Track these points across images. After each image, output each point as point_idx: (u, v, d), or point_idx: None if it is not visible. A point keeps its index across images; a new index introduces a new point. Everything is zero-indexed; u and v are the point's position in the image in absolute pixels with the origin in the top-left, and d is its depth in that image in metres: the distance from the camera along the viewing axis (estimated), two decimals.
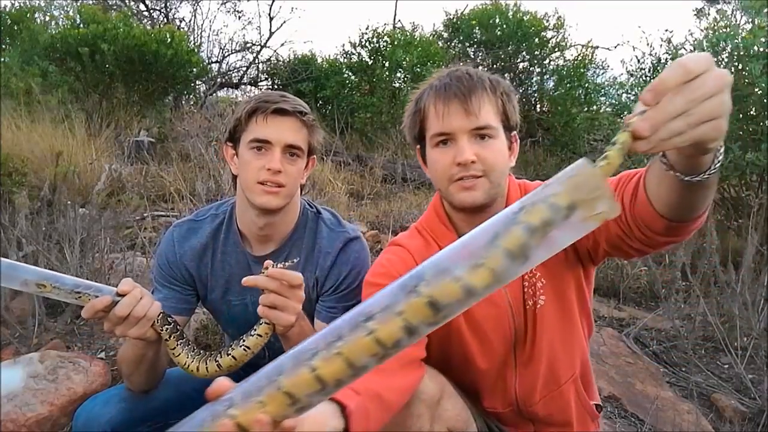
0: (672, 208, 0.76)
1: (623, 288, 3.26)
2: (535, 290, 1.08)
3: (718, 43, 3.91)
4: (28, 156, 4.15)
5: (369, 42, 7.74)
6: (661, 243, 0.85)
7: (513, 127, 1.09)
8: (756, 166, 3.44)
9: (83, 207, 3.29)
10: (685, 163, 0.65)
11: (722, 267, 2.66)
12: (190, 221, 1.33)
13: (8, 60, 7.24)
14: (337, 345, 0.46)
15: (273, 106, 1.15)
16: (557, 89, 7.85)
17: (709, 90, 0.52)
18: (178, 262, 1.27)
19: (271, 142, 1.15)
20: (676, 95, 0.52)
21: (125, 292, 0.96)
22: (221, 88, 8.72)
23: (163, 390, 1.24)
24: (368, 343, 0.46)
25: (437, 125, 1.05)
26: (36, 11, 8.64)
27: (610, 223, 0.87)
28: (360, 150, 6.64)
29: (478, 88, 1.03)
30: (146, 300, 0.98)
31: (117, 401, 1.17)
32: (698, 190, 0.69)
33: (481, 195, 1.03)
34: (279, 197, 1.17)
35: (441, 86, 1.05)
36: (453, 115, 1.02)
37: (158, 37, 6.34)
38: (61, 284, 0.91)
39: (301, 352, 0.48)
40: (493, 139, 1.04)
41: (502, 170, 1.05)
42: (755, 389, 2.16)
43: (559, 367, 1.12)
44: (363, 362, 0.46)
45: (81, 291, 0.93)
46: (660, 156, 0.68)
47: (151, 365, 1.14)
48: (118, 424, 1.14)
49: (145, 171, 4.65)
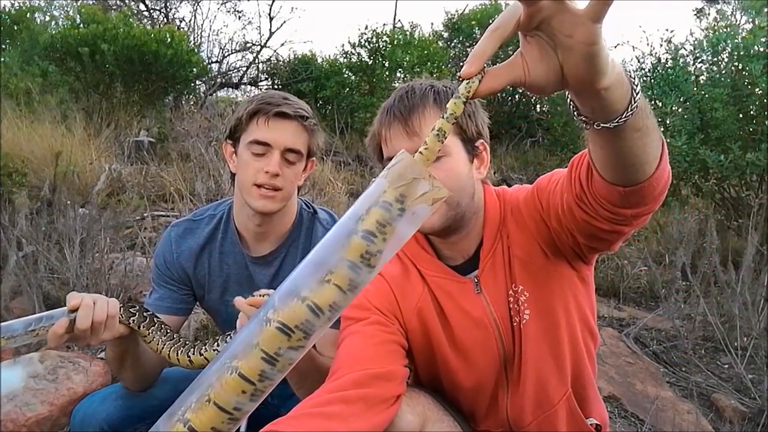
0: (615, 169, 0.71)
1: (623, 288, 3.26)
2: (519, 305, 1.01)
3: (718, 43, 3.91)
4: (28, 156, 4.15)
5: (369, 42, 7.73)
6: (629, 216, 0.78)
7: (473, 137, 1.00)
8: (756, 166, 3.44)
9: (83, 207, 3.29)
10: (593, 108, 0.60)
11: (722, 267, 2.66)
12: (187, 221, 1.32)
13: (8, 60, 7.24)
14: (206, 392, 0.45)
15: (275, 109, 1.15)
16: None
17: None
18: (175, 262, 1.27)
19: (270, 145, 1.15)
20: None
21: (76, 306, 0.95)
22: (221, 88, 8.72)
23: (160, 388, 1.24)
24: (234, 381, 0.44)
25: (386, 151, 1.00)
26: (36, 11, 8.65)
27: (574, 210, 0.83)
28: (360, 150, 6.63)
29: (418, 106, 0.96)
30: (100, 303, 0.97)
31: (114, 399, 1.17)
32: (628, 138, 0.64)
33: (438, 219, 0.96)
34: (275, 201, 1.17)
35: (385, 108, 1.00)
36: (395, 138, 0.97)
37: (158, 37, 6.34)
38: (13, 332, 0.89)
39: (173, 407, 0.47)
40: (445, 157, 0.95)
41: (461, 189, 0.97)
42: (755, 389, 2.16)
43: (549, 384, 1.05)
44: (234, 403, 0.45)
45: (34, 327, 0.91)
46: (574, 113, 0.63)
47: (135, 360, 1.14)
48: (115, 422, 1.14)
49: (145, 171, 4.65)
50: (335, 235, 0.46)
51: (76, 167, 4.05)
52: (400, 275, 1.06)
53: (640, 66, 4.50)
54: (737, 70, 3.77)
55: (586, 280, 1.08)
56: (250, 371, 0.44)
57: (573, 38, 0.51)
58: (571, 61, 0.53)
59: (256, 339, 0.45)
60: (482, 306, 1.02)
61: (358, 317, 0.98)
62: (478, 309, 1.01)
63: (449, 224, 0.98)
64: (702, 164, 3.69)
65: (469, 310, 1.01)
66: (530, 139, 7.25)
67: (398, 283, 1.04)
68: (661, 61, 4.31)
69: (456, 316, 1.02)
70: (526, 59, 0.54)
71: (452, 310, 1.02)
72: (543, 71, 0.54)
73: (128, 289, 2.55)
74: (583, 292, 1.07)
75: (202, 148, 4.43)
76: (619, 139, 0.64)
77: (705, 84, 3.98)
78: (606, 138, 0.64)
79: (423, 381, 1.10)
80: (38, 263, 2.55)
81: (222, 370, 0.45)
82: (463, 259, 1.04)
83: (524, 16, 0.50)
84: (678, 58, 4.23)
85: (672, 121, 4.01)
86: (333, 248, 0.45)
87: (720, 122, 3.66)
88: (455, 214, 0.98)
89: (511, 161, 6.18)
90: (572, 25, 0.50)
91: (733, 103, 3.67)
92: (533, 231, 0.99)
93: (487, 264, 1.02)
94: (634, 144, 0.65)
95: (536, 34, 0.53)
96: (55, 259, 2.58)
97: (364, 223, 0.45)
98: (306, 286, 0.45)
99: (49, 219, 2.95)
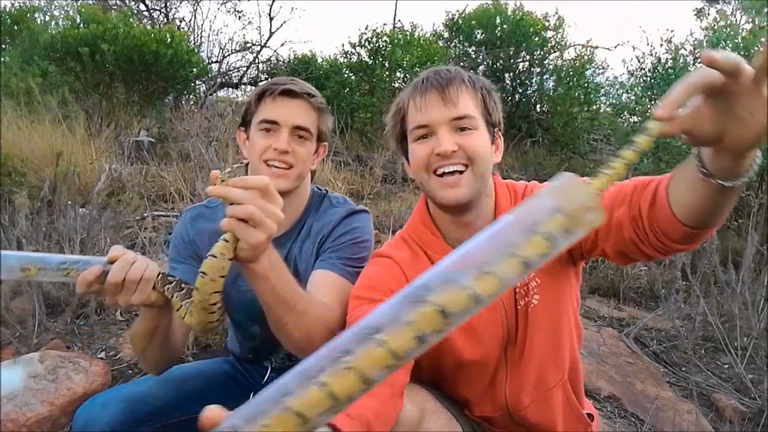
0: (698, 215, 0.75)
1: (623, 288, 3.26)
2: (528, 290, 1.05)
3: (718, 43, 3.91)
4: (28, 156, 4.15)
5: (368, 42, 7.74)
6: (675, 249, 0.85)
7: (495, 124, 1.07)
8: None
9: (83, 207, 3.29)
10: (723, 167, 0.66)
11: (722, 267, 2.66)
12: (202, 206, 1.34)
13: (8, 60, 7.25)
14: (345, 360, 0.46)
15: (281, 87, 1.17)
16: (557, 89, 7.85)
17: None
18: (191, 241, 1.28)
19: (278, 123, 1.16)
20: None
21: (115, 257, 0.92)
22: (221, 88, 8.72)
23: (163, 390, 1.23)
24: (382, 354, 0.46)
25: (416, 118, 1.03)
26: (36, 11, 8.66)
27: (625, 228, 0.87)
28: (360, 150, 6.64)
29: (456, 80, 1.02)
30: (140, 262, 0.94)
31: (117, 402, 1.16)
32: (731, 195, 0.71)
33: (465, 191, 1.00)
34: (288, 180, 1.17)
35: (419, 81, 1.05)
36: (430, 105, 1.00)
37: (158, 37, 6.34)
38: (45, 264, 0.87)
39: (306, 370, 0.47)
40: (474, 130, 1.01)
41: (486, 161, 1.02)
42: (755, 389, 2.16)
43: (548, 369, 1.09)
44: (376, 375, 0.46)
45: (68, 267, 0.89)
46: (697, 164, 0.69)
47: (165, 338, 1.10)
48: (118, 425, 1.12)
49: (145, 171, 4.65)
50: (501, 232, 0.47)
51: (76, 167, 4.05)
52: (410, 259, 1.09)
53: (640, 66, 4.50)
54: None
55: (578, 276, 1.13)
56: (401, 347, 0.46)
57: (754, 117, 0.58)
58: (740, 132, 0.60)
59: (410, 317, 0.46)
60: None
61: (372, 297, 1.00)
62: None
63: (473, 198, 1.01)
64: None
65: None
66: (530, 139, 7.25)
67: (408, 265, 1.07)
68: (662, 60, 4.32)
69: None
70: (701, 115, 0.61)
71: None
72: (709, 130, 0.61)
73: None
74: (576, 288, 1.12)
75: (202, 148, 4.43)
76: (724, 195, 0.70)
77: None
78: (713, 191, 0.70)
79: (424, 361, 1.10)
80: None
81: (365, 342, 0.46)
82: None
83: (720, 85, 0.57)
84: (678, 57, 4.24)
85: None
86: (498, 248, 0.47)
87: None
88: (479, 187, 1.02)
89: (511, 161, 6.18)
90: (758, 107, 0.57)
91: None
92: None
93: None
94: (731, 200, 0.72)
95: (719, 98, 0.59)
96: None
97: (545, 226, 0.47)
98: (465, 275, 0.46)
99: (50, 219, 2.95)
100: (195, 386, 1.28)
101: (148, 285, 0.94)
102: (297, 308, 0.97)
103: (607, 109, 7.21)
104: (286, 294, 0.95)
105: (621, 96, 5.36)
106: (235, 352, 1.44)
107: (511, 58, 8.13)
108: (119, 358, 2.14)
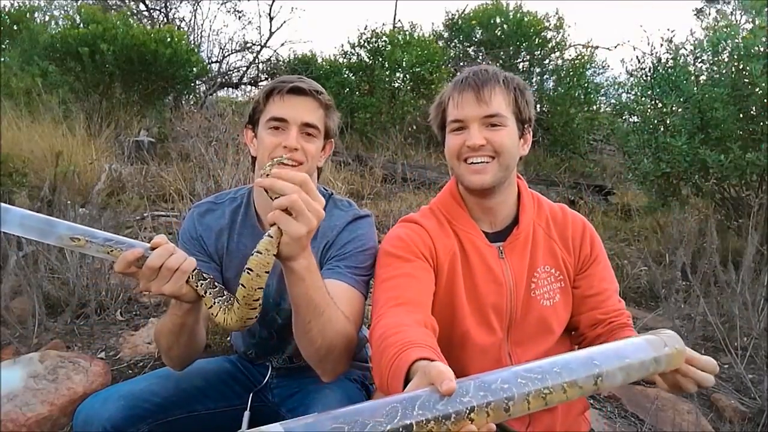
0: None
1: (623, 288, 3.26)
2: (551, 284, 1.19)
3: (718, 43, 3.91)
4: (28, 156, 4.16)
5: (368, 42, 7.74)
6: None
7: (526, 120, 1.18)
8: (756, 166, 3.44)
9: (83, 207, 3.29)
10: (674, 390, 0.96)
11: (722, 267, 2.66)
12: (209, 203, 1.35)
13: (8, 60, 7.25)
14: (539, 388, 0.68)
15: (289, 84, 1.18)
16: (557, 89, 7.86)
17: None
18: (199, 237, 1.29)
19: (287, 121, 1.17)
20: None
21: (158, 244, 0.94)
22: (221, 88, 8.73)
23: (163, 388, 1.23)
24: (569, 393, 0.71)
25: (453, 113, 1.16)
26: (36, 11, 8.66)
27: (578, 323, 1.23)
28: (360, 150, 6.64)
29: (491, 81, 1.14)
30: (179, 254, 0.96)
31: (116, 399, 1.16)
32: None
33: (489, 178, 1.13)
34: None
35: (459, 79, 1.17)
36: (466, 103, 1.14)
37: (158, 37, 6.34)
38: (93, 238, 0.91)
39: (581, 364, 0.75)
40: (502, 127, 1.13)
41: (511, 153, 1.15)
42: (755, 389, 2.16)
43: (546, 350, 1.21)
44: (548, 403, 0.69)
45: (113, 245, 0.92)
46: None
47: (191, 335, 1.11)
48: (118, 422, 1.13)
49: (145, 171, 4.65)
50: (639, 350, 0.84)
51: (76, 167, 4.06)
52: (437, 228, 1.20)
53: (640, 66, 4.50)
54: (737, 70, 3.78)
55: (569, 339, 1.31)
56: (609, 385, 0.78)
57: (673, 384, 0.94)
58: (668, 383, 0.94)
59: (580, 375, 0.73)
60: (503, 269, 1.17)
61: (406, 257, 1.13)
62: (498, 268, 1.17)
63: (496, 184, 1.15)
64: (702, 164, 3.69)
65: (492, 266, 1.17)
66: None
67: (435, 233, 1.19)
68: (662, 61, 4.32)
69: (479, 267, 1.17)
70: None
71: (477, 263, 1.17)
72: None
73: (128, 288, 2.56)
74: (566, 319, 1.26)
75: (202, 148, 4.43)
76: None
77: (705, 84, 3.98)
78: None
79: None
80: (38, 263, 2.55)
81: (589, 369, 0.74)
82: (491, 230, 1.21)
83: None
84: (678, 58, 4.23)
85: (672, 121, 4.02)
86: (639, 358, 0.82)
87: (720, 122, 3.66)
88: (503, 176, 1.15)
89: None
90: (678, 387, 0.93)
91: (733, 103, 3.67)
92: (565, 252, 1.23)
93: (518, 238, 1.19)
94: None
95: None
96: (55, 259, 2.59)
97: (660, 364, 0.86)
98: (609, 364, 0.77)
99: None
100: (195, 384, 1.28)
101: (182, 277, 0.96)
102: (324, 315, 0.99)
103: (606, 109, 7.21)
104: (318, 299, 0.98)
105: (620, 96, 5.35)
106: (238, 348, 1.45)
107: (511, 58, 8.14)
108: (119, 358, 2.14)
